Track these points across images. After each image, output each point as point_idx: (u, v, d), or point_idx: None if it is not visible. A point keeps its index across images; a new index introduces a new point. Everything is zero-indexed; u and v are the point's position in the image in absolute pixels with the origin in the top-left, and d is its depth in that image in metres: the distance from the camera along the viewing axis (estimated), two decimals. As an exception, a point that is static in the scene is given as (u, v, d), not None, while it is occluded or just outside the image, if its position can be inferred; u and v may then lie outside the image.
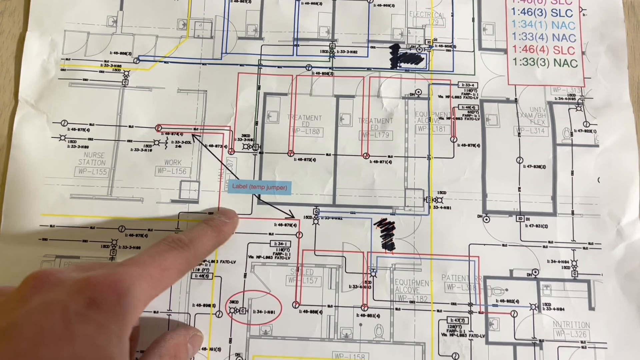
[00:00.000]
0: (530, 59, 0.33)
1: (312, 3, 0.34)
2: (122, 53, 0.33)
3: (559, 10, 0.34)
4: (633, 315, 0.30)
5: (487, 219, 0.31)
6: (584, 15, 0.33)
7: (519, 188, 0.31)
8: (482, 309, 0.30)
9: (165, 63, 0.33)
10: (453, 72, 0.33)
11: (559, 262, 0.30)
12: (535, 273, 0.30)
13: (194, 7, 0.33)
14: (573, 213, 0.31)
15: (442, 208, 0.31)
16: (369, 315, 0.30)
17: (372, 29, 0.33)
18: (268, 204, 0.31)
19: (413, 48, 0.33)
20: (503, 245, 0.31)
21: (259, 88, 0.33)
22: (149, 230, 0.31)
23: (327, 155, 0.32)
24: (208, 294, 0.30)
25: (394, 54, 0.33)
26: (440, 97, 0.32)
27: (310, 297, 0.30)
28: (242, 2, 0.34)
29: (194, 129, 0.32)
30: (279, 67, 0.33)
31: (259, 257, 0.30)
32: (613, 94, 0.32)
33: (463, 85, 0.32)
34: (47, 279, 0.22)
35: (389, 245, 0.31)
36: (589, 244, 0.31)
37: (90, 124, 0.32)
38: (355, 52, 0.33)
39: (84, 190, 0.31)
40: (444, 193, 0.31)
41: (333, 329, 0.30)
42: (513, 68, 0.33)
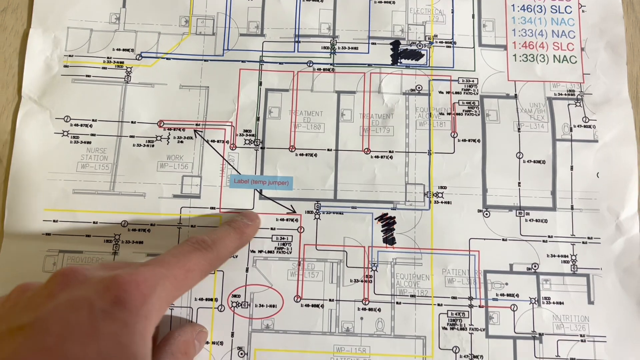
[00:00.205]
0: (530, 55, 0.33)
1: (313, 0, 0.34)
2: (124, 50, 0.33)
3: (558, 7, 0.34)
4: (632, 309, 0.30)
5: (487, 214, 0.31)
6: (583, 12, 0.34)
7: (519, 183, 0.31)
8: (482, 303, 0.30)
9: (168, 59, 0.33)
10: (453, 68, 0.33)
11: (559, 256, 0.31)
12: (535, 267, 0.30)
13: (196, 4, 0.34)
14: (572, 208, 0.31)
15: (442, 203, 0.31)
16: (370, 309, 0.30)
17: (372, 26, 0.33)
18: (270, 199, 0.31)
19: (413, 44, 0.33)
20: (503, 240, 0.31)
21: (261, 84, 0.33)
22: (152, 225, 0.31)
23: (328, 151, 0.32)
24: (210, 289, 0.30)
25: (395, 50, 0.33)
26: (441, 92, 0.33)
27: (312, 291, 0.30)
28: (243, -1, 0.34)
29: (196, 125, 0.32)
30: (281, 63, 0.33)
31: (261, 251, 0.31)
32: (612, 90, 0.32)
33: (463, 81, 0.33)
34: (74, 276, 0.22)
35: (390, 240, 0.31)
36: (588, 239, 0.31)
37: (93, 120, 0.32)
38: (356, 48, 0.33)
39: (87, 186, 0.31)
40: (445, 188, 0.31)
41: (334, 323, 0.30)
42: (513, 64, 0.33)
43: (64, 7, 0.33)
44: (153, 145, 0.32)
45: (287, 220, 0.31)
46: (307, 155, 0.32)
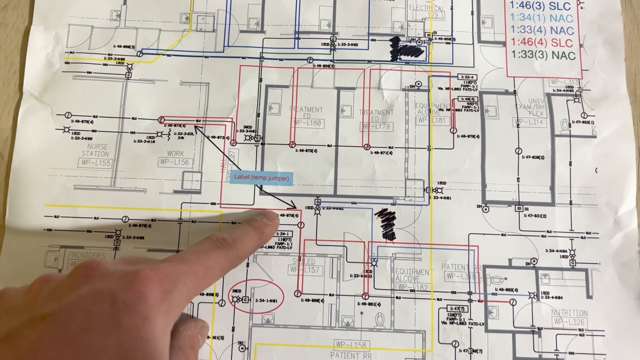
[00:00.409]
0: (529, 52, 0.33)
1: (313, -3, 0.34)
2: (125, 46, 0.33)
3: (557, 4, 0.34)
4: (630, 304, 0.30)
5: (486, 209, 0.31)
6: (582, 9, 0.34)
7: (518, 178, 0.32)
8: (481, 298, 0.30)
9: (168, 56, 0.33)
10: (453, 64, 0.33)
11: (557, 251, 0.31)
12: (534, 262, 0.31)
13: (197, 1, 0.34)
14: (571, 203, 0.31)
15: (442, 198, 0.31)
16: (370, 304, 0.30)
17: (372, 22, 0.34)
18: (270, 195, 0.31)
19: (413, 41, 0.33)
20: (502, 235, 0.31)
21: (261, 80, 0.33)
22: (152, 221, 0.31)
23: (328, 147, 0.32)
24: (211, 284, 0.30)
25: (394, 47, 0.33)
26: (440, 89, 0.33)
27: (312, 286, 0.30)
28: (244, -5, 0.34)
29: (197, 121, 0.32)
30: (281, 59, 0.33)
31: (262, 246, 0.31)
32: (610, 86, 0.33)
33: (462, 78, 0.33)
34: (97, 269, 0.22)
35: (390, 235, 0.31)
36: (587, 234, 0.31)
37: (94, 116, 0.32)
38: (356, 44, 0.33)
39: (88, 181, 0.31)
40: (444, 183, 0.32)
41: (334, 318, 0.30)
42: (512, 60, 0.33)
43: (65, 4, 0.34)
44: (154, 141, 0.32)
45: (287, 216, 0.31)
46: (307, 151, 0.32)
